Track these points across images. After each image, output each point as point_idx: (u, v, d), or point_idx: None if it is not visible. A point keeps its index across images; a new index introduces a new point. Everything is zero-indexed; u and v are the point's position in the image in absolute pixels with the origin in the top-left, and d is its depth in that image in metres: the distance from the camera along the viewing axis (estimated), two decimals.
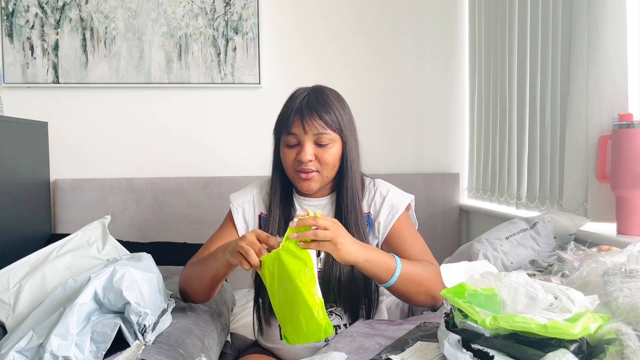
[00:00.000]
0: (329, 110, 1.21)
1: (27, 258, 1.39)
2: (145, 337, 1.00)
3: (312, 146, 1.20)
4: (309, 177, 1.22)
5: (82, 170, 2.32)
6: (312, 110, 1.20)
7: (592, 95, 1.47)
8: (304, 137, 1.20)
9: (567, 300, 0.76)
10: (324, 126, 1.20)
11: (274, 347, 1.30)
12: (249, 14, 2.33)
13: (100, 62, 2.29)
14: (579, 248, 1.15)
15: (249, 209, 1.33)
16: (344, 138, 1.23)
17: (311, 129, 1.19)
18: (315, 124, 1.19)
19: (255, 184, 1.38)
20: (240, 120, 2.38)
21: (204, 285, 1.19)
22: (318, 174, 1.22)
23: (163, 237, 2.25)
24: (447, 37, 2.45)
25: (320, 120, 1.19)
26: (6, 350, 0.96)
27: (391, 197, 1.29)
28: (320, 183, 1.24)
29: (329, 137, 1.21)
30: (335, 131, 1.22)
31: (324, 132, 1.20)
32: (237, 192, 1.38)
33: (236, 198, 1.35)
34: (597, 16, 1.43)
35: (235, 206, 1.33)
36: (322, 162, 1.21)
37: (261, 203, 1.33)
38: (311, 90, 1.25)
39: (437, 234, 2.39)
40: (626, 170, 1.35)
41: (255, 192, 1.35)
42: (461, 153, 2.49)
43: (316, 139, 1.20)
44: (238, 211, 1.32)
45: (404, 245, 1.24)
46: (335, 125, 1.21)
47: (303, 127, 1.19)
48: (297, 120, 1.20)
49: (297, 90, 1.27)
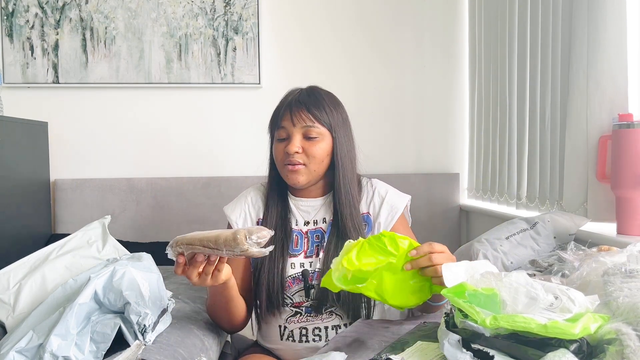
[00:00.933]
0: (318, 105, 1.23)
1: (27, 258, 1.39)
2: (145, 337, 1.00)
3: (299, 138, 1.22)
4: (295, 169, 1.22)
5: (82, 170, 2.32)
6: (302, 103, 1.23)
7: (592, 95, 1.47)
8: (292, 129, 1.22)
9: (567, 301, 0.76)
10: (312, 119, 1.22)
11: (274, 348, 1.30)
12: (249, 14, 2.33)
13: (100, 62, 2.29)
14: (579, 248, 1.15)
15: (247, 219, 1.32)
16: (334, 134, 1.24)
17: (299, 121, 1.21)
18: (304, 116, 1.21)
19: (248, 190, 1.36)
20: (240, 120, 2.38)
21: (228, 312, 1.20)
22: (305, 167, 1.23)
23: (163, 237, 2.25)
24: (447, 37, 2.45)
25: (308, 113, 1.22)
26: (6, 350, 0.96)
27: (390, 198, 1.30)
28: (308, 177, 1.24)
29: (318, 130, 1.22)
30: (324, 126, 1.23)
31: (312, 125, 1.22)
32: (231, 204, 1.35)
33: (232, 211, 1.33)
34: (597, 16, 1.43)
35: (233, 220, 1.31)
36: (310, 154, 1.22)
37: (258, 209, 1.32)
38: (304, 89, 1.28)
39: (437, 234, 2.39)
40: (626, 170, 1.35)
41: (249, 200, 1.34)
42: (461, 153, 2.49)
43: (304, 132, 1.22)
44: (239, 224, 1.31)
45: None
46: (325, 120, 1.23)
47: (292, 120, 1.22)
48: (286, 114, 1.23)
49: (291, 90, 1.29)
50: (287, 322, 1.26)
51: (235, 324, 1.24)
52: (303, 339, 1.25)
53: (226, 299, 1.16)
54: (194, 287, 1.51)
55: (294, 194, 1.32)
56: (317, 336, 1.25)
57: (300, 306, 1.25)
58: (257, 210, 1.32)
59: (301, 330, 1.25)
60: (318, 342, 1.24)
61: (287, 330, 1.26)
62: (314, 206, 1.30)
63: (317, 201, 1.30)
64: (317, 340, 1.25)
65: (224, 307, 1.18)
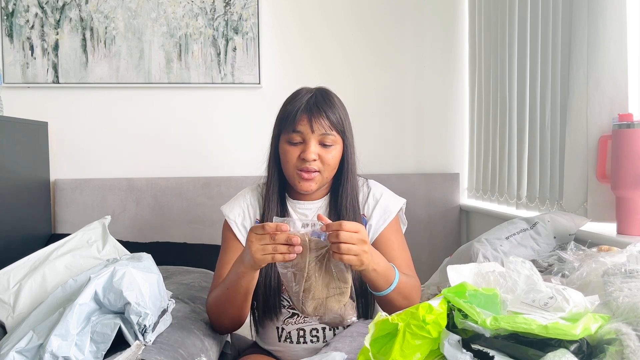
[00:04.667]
0: (335, 111, 1.22)
1: (27, 258, 1.39)
2: (146, 337, 1.01)
3: (317, 145, 1.20)
4: (311, 177, 1.21)
5: (82, 170, 2.31)
6: (320, 109, 1.20)
7: (592, 95, 1.47)
8: (310, 135, 1.20)
9: (562, 300, 0.76)
10: (330, 127, 1.20)
11: (273, 349, 1.30)
12: (249, 14, 2.33)
13: (100, 62, 2.29)
14: (579, 248, 1.15)
15: (246, 218, 1.30)
16: (346, 141, 1.25)
17: (318, 128, 1.19)
18: (323, 123, 1.20)
19: (245, 191, 1.35)
20: (240, 120, 2.38)
21: (238, 305, 1.15)
22: (319, 174, 1.22)
23: (163, 237, 2.25)
24: (447, 37, 2.45)
25: (327, 121, 1.20)
26: (6, 351, 0.96)
27: (384, 200, 1.30)
28: (320, 184, 1.24)
29: (333, 138, 1.22)
30: (339, 133, 1.23)
31: (330, 133, 1.21)
32: (229, 203, 1.34)
33: (230, 210, 1.32)
34: (597, 16, 1.43)
35: (231, 219, 1.30)
36: (325, 162, 1.21)
37: (256, 209, 1.32)
38: (317, 91, 1.25)
39: (437, 234, 2.39)
40: (626, 170, 1.35)
41: (248, 200, 1.32)
42: (461, 153, 2.49)
43: (321, 139, 1.21)
44: (237, 222, 1.30)
45: (392, 254, 1.24)
46: (339, 127, 1.22)
47: (310, 126, 1.19)
48: (304, 119, 1.20)
49: (301, 89, 1.26)
50: (284, 324, 1.26)
51: (240, 320, 1.21)
52: (301, 340, 1.25)
53: (246, 291, 1.12)
54: (194, 287, 1.51)
55: (292, 196, 1.31)
56: (314, 337, 1.25)
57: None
58: (254, 210, 1.32)
59: (299, 331, 1.25)
60: (316, 343, 1.24)
61: (284, 332, 1.26)
62: (312, 209, 1.29)
63: (315, 204, 1.30)
64: (315, 341, 1.24)
65: (240, 300, 1.14)
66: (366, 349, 0.82)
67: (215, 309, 1.21)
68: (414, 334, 0.77)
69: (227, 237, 1.30)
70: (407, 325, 0.78)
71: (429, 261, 2.28)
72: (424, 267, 2.24)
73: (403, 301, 1.13)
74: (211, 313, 1.23)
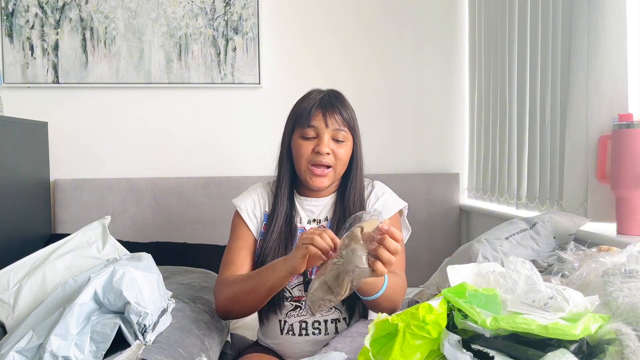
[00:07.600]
0: (346, 109, 1.28)
1: (27, 258, 1.39)
2: (146, 337, 1.01)
3: (330, 140, 1.25)
4: (323, 174, 1.26)
5: (82, 170, 2.32)
6: (334, 106, 1.26)
7: (592, 95, 1.47)
8: (324, 130, 1.25)
9: (562, 300, 0.76)
10: (342, 123, 1.26)
11: (274, 343, 1.31)
12: (249, 14, 2.33)
13: (100, 62, 2.29)
14: (579, 248, 1.15)
15: (257, 207, 1.34)
16: (355, 139, 1.30)
17: (332, 123, 1.25)
18: (337, 118, 1.25)
19: (257, 185, 1.40)
20: (240, 120, 2.38)
21: (258, 298, 1.17)
22: (332, 170, 1.26)
23: (163, 237, 2.25)
24: (447, 37, 2.45)
25: (340, 117, 1.26)
26: (6, 350, 0.96)
27: (385, 199, 1.34)
28: (331, 180, 1.28)
29: (345, 134, 1.27)
30: (350, 130, 1.28)
31: (342, 128, 1.26)
32: (241, 196, 1.38)
33: (242, 201, 1.35)
34: (597, 16, 1.43)
35: (242, 208, 1.34)
36: (337, 157, 1.26)
37: (265, 202, 1.35)
38: (329, 91, 1.32)
39: (437, 234, 2.39)
40: (626, 170, 1.35)
41: (259, 193, 1.37)
42: (461, 153, 2.49)
43: (334, 134, 1.26)
44: (249, 209, 1.33)
45: None
46: (351, 124, 1.28)
47: (325, 121, 1.25)
48: (318, 114, 1.25)
49: (313, 90, 1.32)
50: (287, 316, 1.28)
51: (251, 312, 1.24)
52: (303, 332, 1.27)
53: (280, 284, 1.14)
54: (194, 287, 1.51)
55: (301, 193, 1.35)
56: (316, 329, 1.27)
57: (299, 300, 1.27)
58: (265, 202, 1.35)
59: (301, 323, 1.27)
60: (318, 335, 1.26)
61: (287, 325, 1.28)
62: (319, 205, 1.33)
63: (322, 201, 1.33)
64: (317, 333, 1.26)
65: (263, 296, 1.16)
66: (366, 349, 0.82)
67: (232, 296, 1.21)
68: (414, 334, 0.77)
69: (237, 225, 1.34)
70: (407, 326, 0.78)
71: (429, 261, 2.28)
72: (424, 267, 2.24)
73: (387, 304, 1.16)
74: (225, 296, 1.22)
